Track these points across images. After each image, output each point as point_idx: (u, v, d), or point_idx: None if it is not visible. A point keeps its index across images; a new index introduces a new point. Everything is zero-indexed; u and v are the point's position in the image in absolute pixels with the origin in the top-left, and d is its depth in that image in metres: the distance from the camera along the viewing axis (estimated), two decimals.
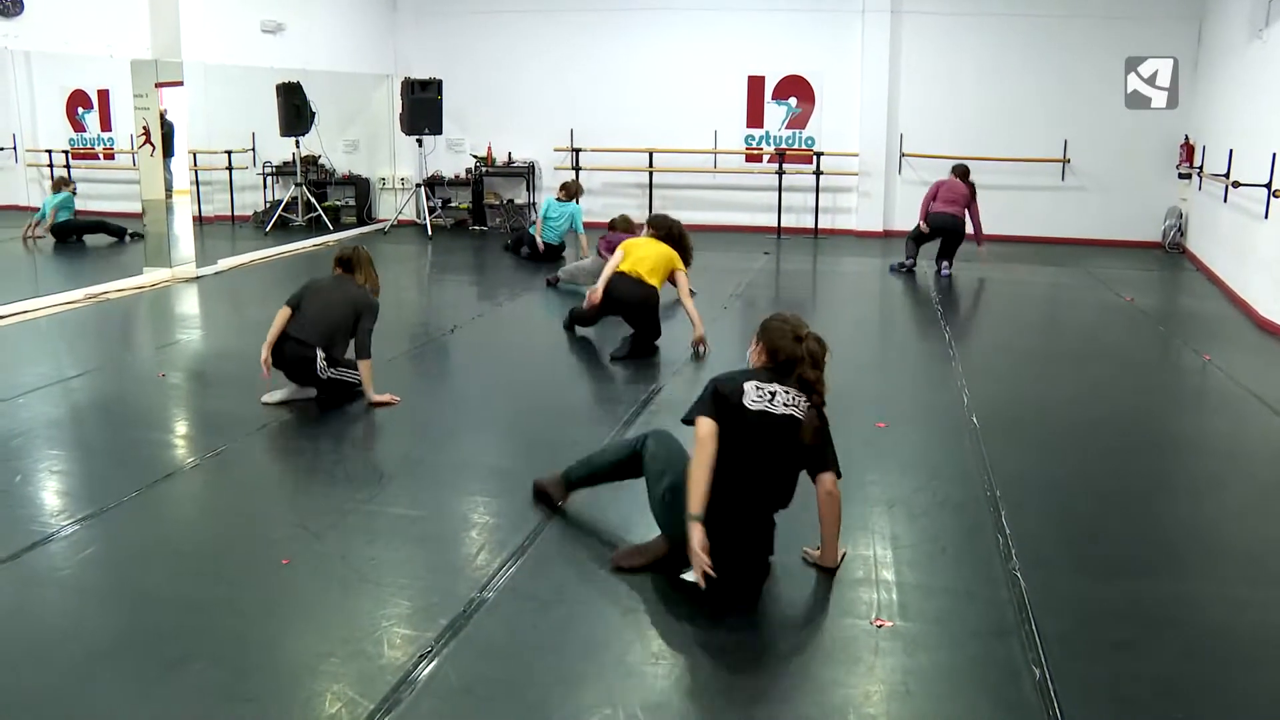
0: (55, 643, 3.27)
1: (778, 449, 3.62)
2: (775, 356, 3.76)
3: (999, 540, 4.09)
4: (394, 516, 4.34)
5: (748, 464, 3.58)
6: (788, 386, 3.68)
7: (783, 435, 3.60)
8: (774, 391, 3.65)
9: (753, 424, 3.59)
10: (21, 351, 7.49)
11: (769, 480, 3.66)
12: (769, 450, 3.61)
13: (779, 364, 3.74)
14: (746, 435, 3.58)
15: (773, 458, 3.63)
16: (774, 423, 3.60)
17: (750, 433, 3.58)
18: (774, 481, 3.68)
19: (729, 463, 3.53)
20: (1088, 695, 3.03)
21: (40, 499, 4.56)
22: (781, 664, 3.19)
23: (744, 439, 3.57)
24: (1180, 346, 7.85)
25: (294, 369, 5.83)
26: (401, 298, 9.80)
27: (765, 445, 3.60)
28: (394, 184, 14.76)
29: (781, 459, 3.65)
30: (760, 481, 3.64)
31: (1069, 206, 13.15)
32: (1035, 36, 12.82)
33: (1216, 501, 4.79)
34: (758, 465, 3.61)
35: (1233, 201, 9.75)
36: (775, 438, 3.60)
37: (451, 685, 3.05)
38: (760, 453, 3.60)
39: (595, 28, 13.88)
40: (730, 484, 3.54)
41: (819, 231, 13.55)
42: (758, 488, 3.64)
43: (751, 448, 3.59)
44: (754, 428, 3.59)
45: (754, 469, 3.61)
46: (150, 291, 9.55)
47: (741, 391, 3.63)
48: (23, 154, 15.69)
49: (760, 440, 3.59)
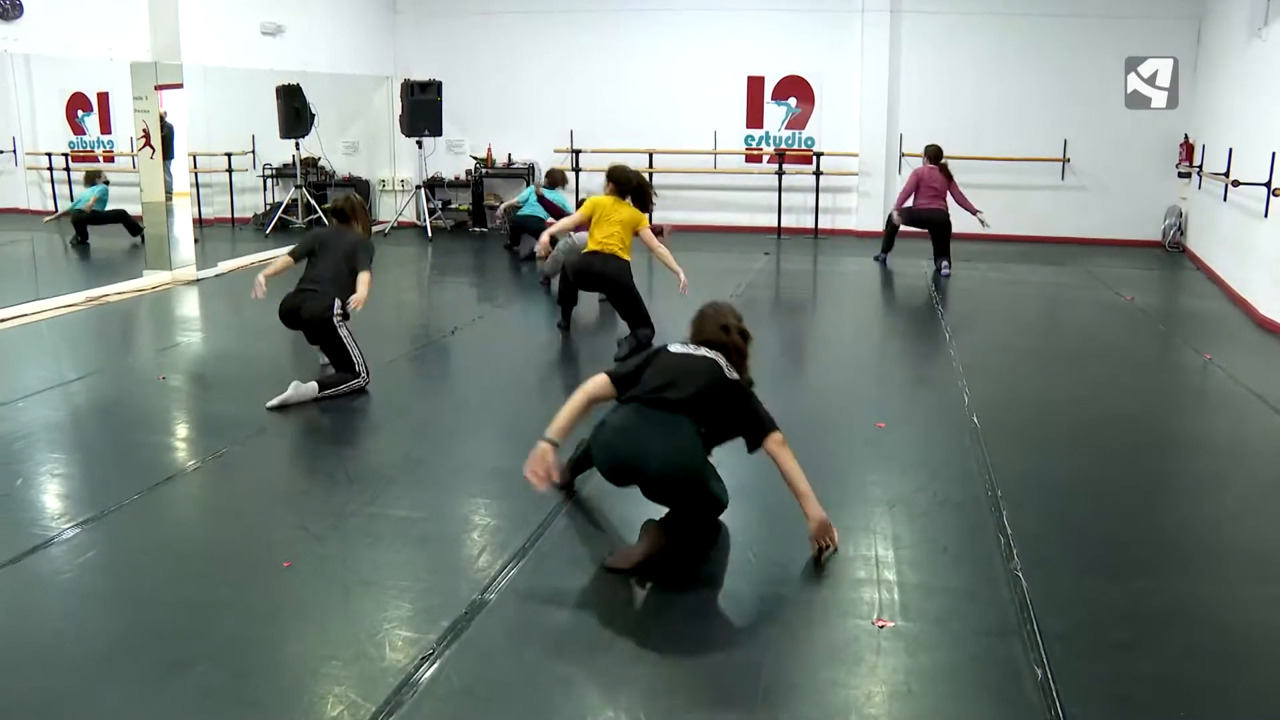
0: (56, 646, 3.27)
1: (694, 374, 3.88)
2: (699, 336, 4.10)
3: (1000, 540, 4.09)
4: (395, 519, 4.34)
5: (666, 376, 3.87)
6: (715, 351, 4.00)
7: (699, 362, 3.93)
8: (696, 347, 4.02)
9: (674, 355, 3.99)
10: (22, 355, 7.49)
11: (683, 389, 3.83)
12: (686, 370, 3.89)
13: (702, 342, 4.06)
14: (667, 362, 3.94)
15: (688, 375, 3.87)
16: (694, 357, 3.96)
17: (672, 359, 3.96)
18: (689, 394, 3.83)
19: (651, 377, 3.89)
20: (1089, 695, 3.02)
21: (41, 502, 4.56)
22: (783, 665, 3.19)
23: (664, 364, 3.93)
24: (1180, 345, 7.85)
25: (312, 326, 6.09)
26: (402, 299, 9.82)
27: (683, 367, 3.90)
28: (394, 186, 14.76)
29: (696, 379, 3.87)
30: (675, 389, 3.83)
31: (1069, 206, 13.15)
32: (1035, 36, 12.83)
33: (1218, 500, 4.78)
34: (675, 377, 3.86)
35: (1232, 200, 9.75)
36: (692, 363, 3.92)
37: (453, 687, 3.05)
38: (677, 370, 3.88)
39: (595, 29, 13.88)
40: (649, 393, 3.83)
41: (819, 232, 13.56)
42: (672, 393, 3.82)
43: (671, 368, 3.91)
44: (675, 357, 3.97)
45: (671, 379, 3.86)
46: (150, 294, 9.56)
47: (665, 347, 4.07)
48: (22, 157, 15.71)
49: (678, 363, 3.93)
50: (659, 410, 3.80)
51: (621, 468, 3.83)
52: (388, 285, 10.64)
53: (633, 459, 3.75)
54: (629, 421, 3.82)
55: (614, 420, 3.87)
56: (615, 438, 3.82)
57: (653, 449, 3.72)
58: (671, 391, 3.81)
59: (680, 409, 3.79)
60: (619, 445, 3.81)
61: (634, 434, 3.78)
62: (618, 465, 3.84)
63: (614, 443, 3.82)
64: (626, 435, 3.79)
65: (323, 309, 6.03)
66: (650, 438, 3.75)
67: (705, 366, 3.92)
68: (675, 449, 3.74)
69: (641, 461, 3.73)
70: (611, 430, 3.85)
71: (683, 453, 3.75)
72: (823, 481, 4.74)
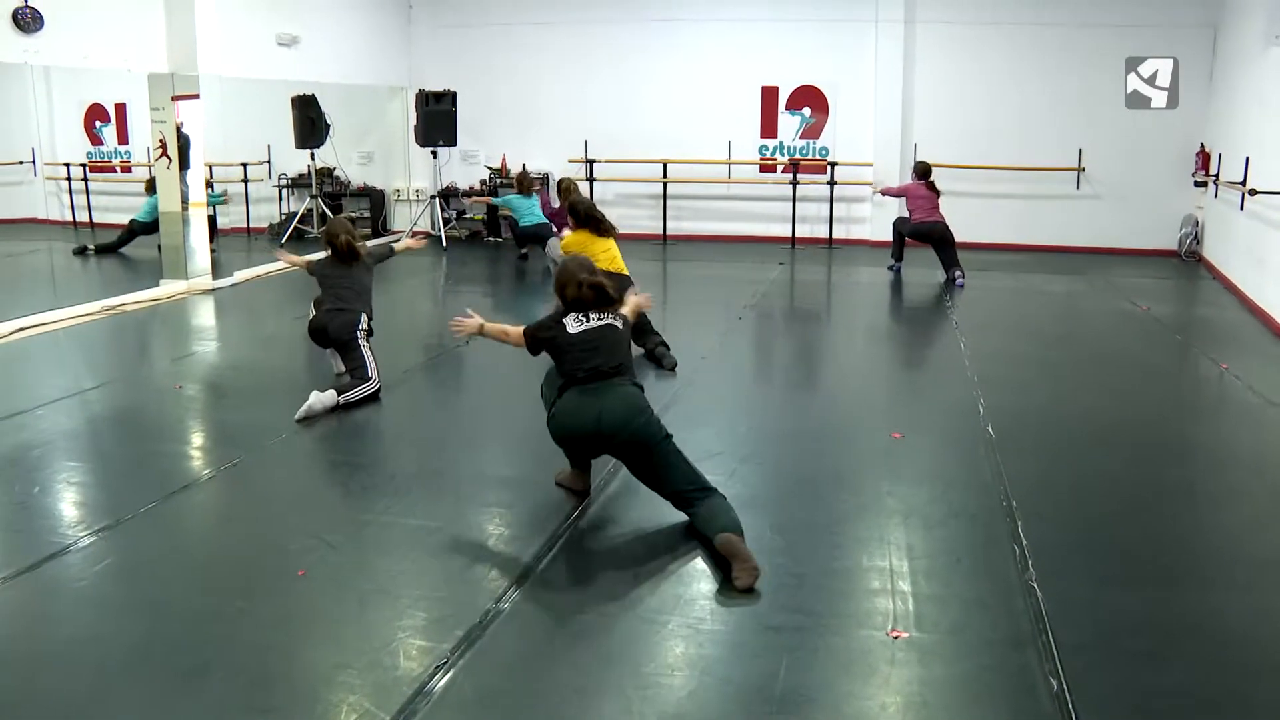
0: (73, 653, 3.29)
1: (603, 338, 4.41)
2: (564, 297, 4.56)
3: (1015, 550, 4.07)
4: (410, 528, 4.35)
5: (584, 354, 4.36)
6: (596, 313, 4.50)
7: (602, 331, 4.42)
8: (585, 318, 4.47)
9: (576, 336, 4.40)
10: (40, 364, 7.54)
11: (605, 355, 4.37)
12: (596, 342, 4.39)
13: (569, 303, 4.52)
14: (575, 343, 4.38)
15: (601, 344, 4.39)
16: (592, 330, 4.42)
17: (577, 340, 4.39)
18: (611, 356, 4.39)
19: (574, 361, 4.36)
20: (1105, 706, 3.01)
21: (58, 510, 4.59)
22: (798, 675, 3.18)
23: (576, 346, 4.37)
24: (1197, 355, 7.81)
25: (339, 343, 6.26)
26: (416, 309, 9.84)
27: (592, 342, 4.38)
28: (409, 196, 14.80)
29: (609, 344, 4.41)
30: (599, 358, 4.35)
31: (1084, 215, 13.09)
32: (1049, 45, 12.79)
33: (1236, 511, 4.75)
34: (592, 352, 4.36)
35: (1249, 209, 9.70)
36: (596, 335, 4.41)
37: (467, 697, 3.06)
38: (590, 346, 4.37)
39: (609, 39, 13.91)
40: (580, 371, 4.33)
41: (833, 241, 13.54)
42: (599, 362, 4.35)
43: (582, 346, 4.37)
44: (578, 337, 4.40)
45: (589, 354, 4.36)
46: (166, 303, 9.60)
47: (563, 328, 4.45)
48: (41, 167, 15.83)
49: (587, 340, 4.38)
50: (596, 383, 4.30)
51: (585, 439, 4.33)
52: (402, 295, 10.69)
53: (593, 429, 4.24)
54: (575, 403, 4.30)
55: (562, 405, 4.35)
56: (569, 419, 4.32)
57: (605, 416, 4.21)
58: (596, 361, 4.33)
59: (612, 373, 4.33)
60: (575, 424, 4.30)
61: (583, 410, 4.27)
62: (581, 439, 4.34)
63: (570, 422, 4.32)
64: (578, 413, 4.28)
65: (350, 326, 6.21)
66: (600, 408, 4.23)
67: (610, 329, 4.46)
68: (623, 406, 4.24)
69: (602, 429, 4.21)
70: (563, 414, 4.34)
71: (631, 403, 4.26)
72: (838, 491, 4.76)
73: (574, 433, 4.34)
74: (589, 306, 4.47)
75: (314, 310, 6.36)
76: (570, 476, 4.65)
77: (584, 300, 4.47)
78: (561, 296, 4.56)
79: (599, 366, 4.31)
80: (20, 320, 8.30)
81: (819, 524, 4.33)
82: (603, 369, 4.31)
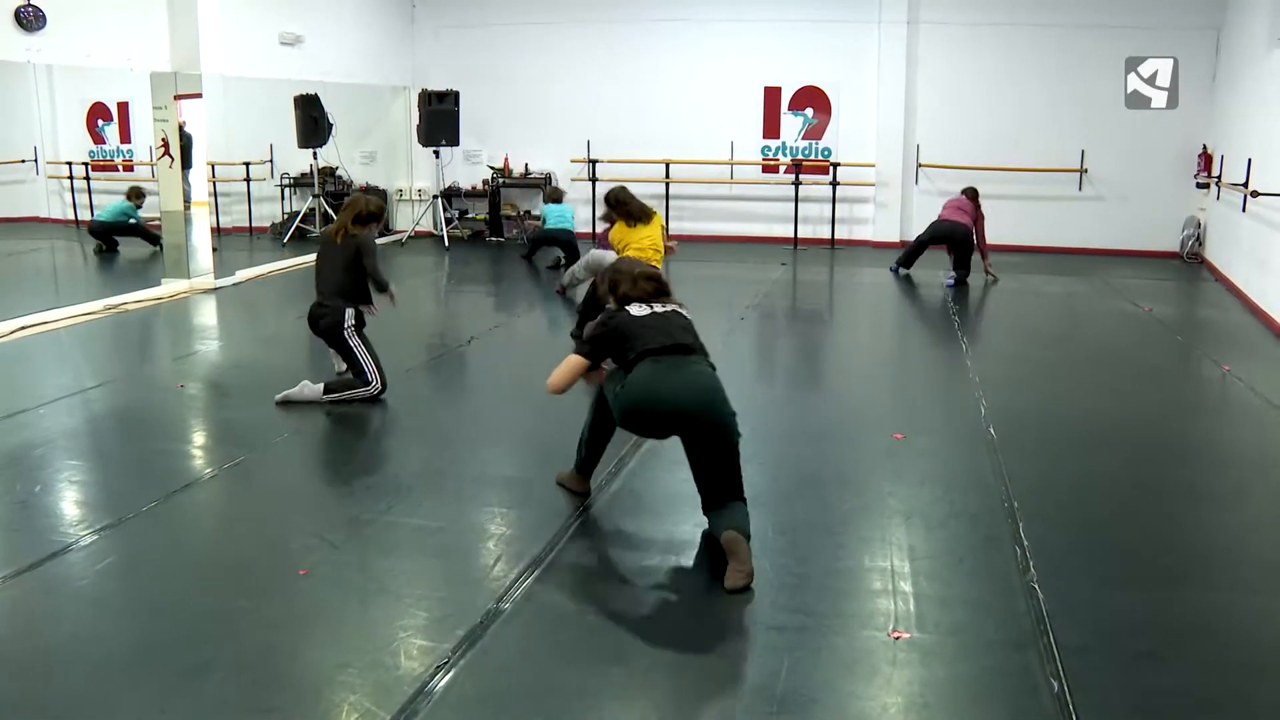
0: (74, 652, 3.29)
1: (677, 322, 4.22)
2: (619, 297, 4.35)
3: (1016, 551, 4.07)
4: (412, 527, 4.35)
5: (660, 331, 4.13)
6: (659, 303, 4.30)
7: (674, 316, 4.24)
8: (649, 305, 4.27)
9: (645, 316, 4.20)
10: (41, 362, 7.54)
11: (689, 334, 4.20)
12: (672, 324, 4.19)
13: (625, 300, 4.30)
14: (646, 322, 4.16)
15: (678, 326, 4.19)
16: (661, 313, 4.23)
17: (648, 320, 4.18)
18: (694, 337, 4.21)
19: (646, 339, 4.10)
20: (1107, 707, 3.01)
21: (59, 509, 4.59)
22: (799, 676, 3.18)
23: (646, 325, 4.15)
24: (1199, 357, 7.81)
25: (327, 337, 6.20)
26: (419, 309, 9.83)
27: (668, 322, 4.18)
28: (411, 195, 14.81)
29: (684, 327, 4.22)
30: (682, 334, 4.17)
31: (1086, 216, 13.10)
32: (1052, 46, 12.79)
33: (1238, 512, 4.75)
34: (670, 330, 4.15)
35: (1252, 211, 9.70)
36: (669, 317, 4.22)
37: (468, 697, 3.06)
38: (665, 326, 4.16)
39: (612, 39, 13.92)
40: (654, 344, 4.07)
41: (835, 242, 13.54)
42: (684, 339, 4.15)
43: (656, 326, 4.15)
44: (649, 317, 4.20)
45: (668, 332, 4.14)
46: (168, 302, 9.61)
47: (625, 314, 4.24)
48: (44, 166, 15.83)
49: (659, 321, 4.17)
50: (680, 356, 4.07)
51: (663, 416, 4.00)
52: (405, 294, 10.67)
53: (673, 404, 3.95)
54: (658, 373, 4.01)
55: (640, 375, 4.02)
56: (649, 389, 3.99)
57: (691, 394, 3.95)
58: (682, 337, 4.13)
59: (696, 350, 4.13)
60: (656, 395, 3.97)
61: (667, 381, 3.99)
62: (660, 414, 4.00)
63: (650, 393, 3.98)
64: (661, 383, 3.98)
65: (333, 324, 6.12)
66: (684, 383, 3.98)
67: (680, 315, 4.28)
68: (711, 392, 4.00)
69: (684, 406, 3.94)
70: (641, 384, 4.00)
71: (719, 392, 4.02)
72: (840, 491, 4.76)
73: (650, 407, 4.00)
74: (650, 299, 4.29)
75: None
76: (571, 478, 4.63)
77: (644, 293, 4.30)
78: (617, 297, 4.35)
79: (677, 342, 4.09)
80: (22, 319, 8.30)
81: (821, 524, 4.33)
82: (681, 344, 4.09)
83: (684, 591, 3.78)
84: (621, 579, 3.87)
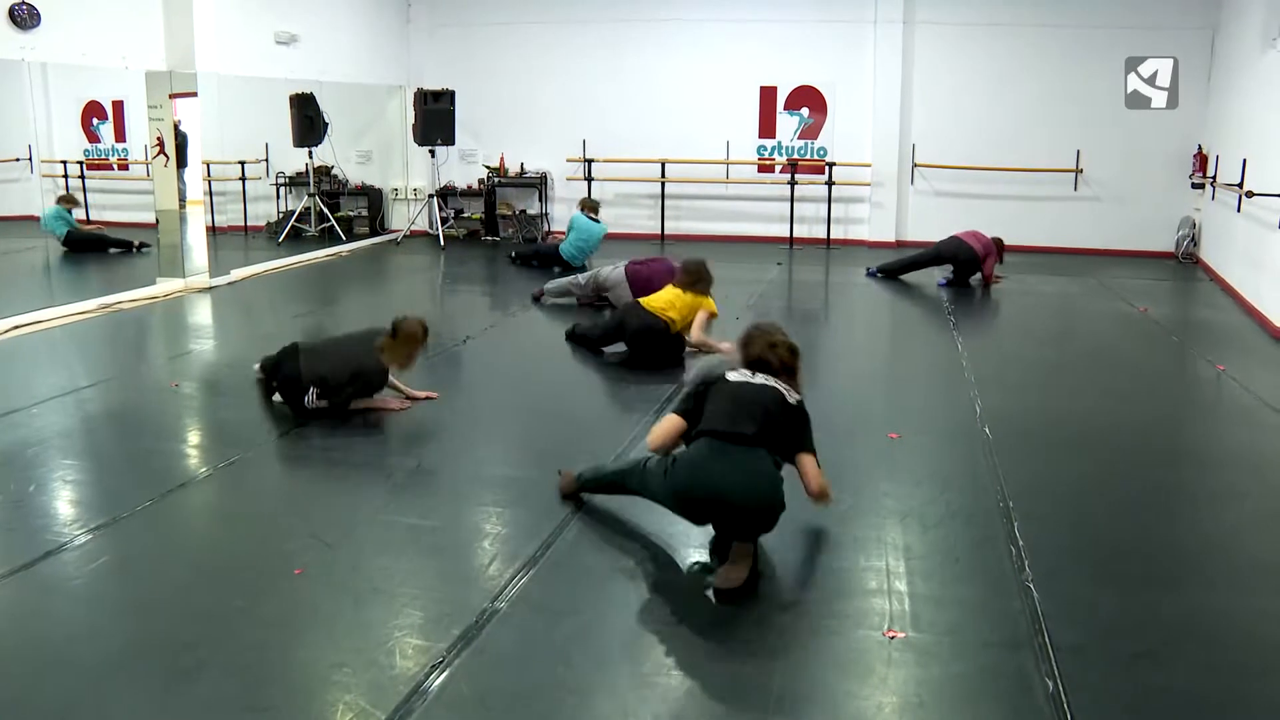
0: (68, 651, 3.28)
1: (759, 404, 3.92)
2: (748, 356, 4.20)
3: (1011, 551, 4.07)
4: (406, 526, 4.35)
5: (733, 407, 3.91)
6: (766, 375, 4.09)
7: (760, 392, 3.98)
8: (753, 374, 4.09)
9: (733, 384, 4.02)
10: (35, 361, 7.52)
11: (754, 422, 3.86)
12: (749, 400, 3.93)
13: (752, 362, 4.16)
14: (728, 391, 3.98)
15: (753, 406, 3.91)
16: (752, 385, 4.01)
17: (732, 389, 3.99)
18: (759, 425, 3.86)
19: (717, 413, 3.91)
20: (1101, 707, 3.01)
21: (54, 508, 4.58)
22: (794, 675, 3.18)
23: (726, 394, 3.97)
24: (1194, 357, 7.81)
25: (283, 385, 5.94)
26: (414, 308, 9.80)
27: (746, 397, 3.95)
28: (406, 194, 14.79)
29: (762, 410, 3.90)
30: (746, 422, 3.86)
31: (1081, 216, 13.11)
32: (1047, 46, 12.80)
33: (1233, 512, 4.75)
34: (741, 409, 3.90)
35: (1246, 211, 9.71)
36: (753, 393, 3.97)
37: (463, 696, 3.05)
38: (741, 401, 3.93)
39: (608, 39, 13.90)
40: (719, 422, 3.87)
41: (831, 242, 13.54)
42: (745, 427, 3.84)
43: (734, 398, 3.95)
44: (735, 386, 4.01)
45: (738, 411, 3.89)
46: (163, 301, 9.59)
47: (722, 375, 4.09)
48: (38, 165, 15.79)
49: (740, 393, 3.97)
50: (734, 445, 3.81)
51: (703, 502, 3.82)
52: (400, 294, 10.68)
53: (716, 492, 3.75)
54: (705, 458, 3.83)
55: (690, 456, 3.88)
56: (694, 474, 3.82)
57: (736, 482, 3.73)
58: (744, 425, 3.83)
59: (754, 442, 3.81)
60: (700, 481, 3.80)
61: (714, 469, 3.78)
62: (699, 500, 3.83)
63: (694, 478, 3.82)
64: (707, 471, 3.80)
65: (292, 381, 5.85)
66: (730, 472, 3.75)
67: (770, 396, 3.98)
68: (759, 482, 3.76)
69: (726, 495, 3.73)
70: (688, 466, 3.85)
71: (767, 483, 3.78)
72: (836, 492, 4.74)
73: (695, 494, 3.82)
74: (771, 370, 4.11)
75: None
76: (570, 484, 4.58)
77: (767, 362, 4.12)
78: (744, 357, 4.20)
79: (742, 431, 3.81)
80: (16, 318, 8.28)
81: (816, 524, 4.33)
82: (746, 434, 3.81)
83: (679, 590, 3.78)
84: (617, 578, 3.86)
